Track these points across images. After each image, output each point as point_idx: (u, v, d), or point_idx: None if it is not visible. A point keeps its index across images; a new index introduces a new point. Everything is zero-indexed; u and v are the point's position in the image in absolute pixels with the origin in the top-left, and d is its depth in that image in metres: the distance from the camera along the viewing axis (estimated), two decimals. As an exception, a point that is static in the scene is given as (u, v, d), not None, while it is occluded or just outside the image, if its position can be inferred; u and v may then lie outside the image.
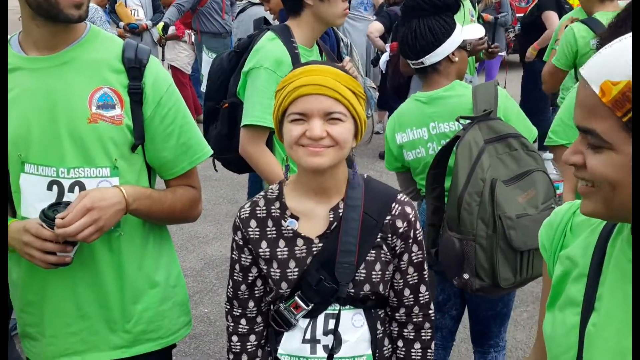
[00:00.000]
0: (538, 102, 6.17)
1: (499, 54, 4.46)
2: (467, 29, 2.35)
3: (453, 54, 2.25)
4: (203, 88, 2.90)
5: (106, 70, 1.60)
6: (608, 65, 0.87)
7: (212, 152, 1.80)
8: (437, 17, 2.21)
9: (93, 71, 1.59)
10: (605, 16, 3.40)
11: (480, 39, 2.67)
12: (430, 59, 2.24)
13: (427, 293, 1.59)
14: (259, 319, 1.63)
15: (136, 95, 1.61)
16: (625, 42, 0.88)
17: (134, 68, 1.61)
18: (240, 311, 1.63)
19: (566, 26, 3.69)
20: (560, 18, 5.81)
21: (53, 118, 1.56)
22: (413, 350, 1.58)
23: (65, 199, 1.57)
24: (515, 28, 5.75)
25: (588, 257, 1.03)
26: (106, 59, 1.61)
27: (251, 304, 1.62)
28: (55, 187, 1.57)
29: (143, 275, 1.71)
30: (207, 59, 2.85)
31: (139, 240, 1.70)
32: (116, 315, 1.68)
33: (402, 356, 1.59)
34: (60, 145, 1.56)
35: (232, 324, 1.65)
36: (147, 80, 1.62)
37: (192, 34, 7.41)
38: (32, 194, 1.58)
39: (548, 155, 2.22)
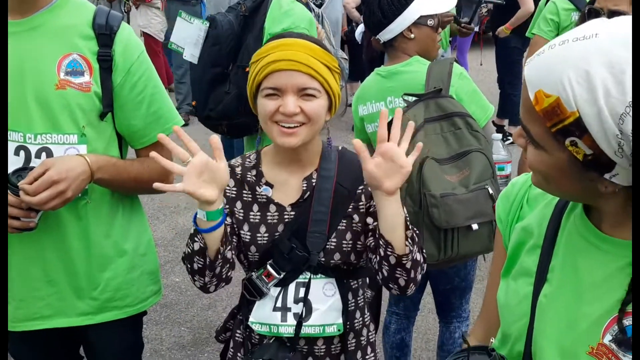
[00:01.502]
0: (513, 79, 6.23)
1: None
2: (433, 2, 2.28)
3: (410, 30, 2.22)
4: (189, 57, 2.74)
5: (76, 37, 1.58)
6: (545, 75, 0.86)
7: (183, 122, 1.79)
8: None
9: (62, 37, 1.56)
10: None
11: (449, 12, 2.65)
12: (384, 35, 2.24)
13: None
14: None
15: (105, 63, 1.59)
16: (565, 48, 0.85)
17: (104, 35, 1.58)
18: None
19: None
20: (534, -2, 5.83)
21: (21, 83, 1.54)
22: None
23: (32, 164, 1.55)
24: (486, 1, 5.75)
25: (543, 228, 1.05)
26: (76, 24, 1.59)
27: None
28: (22, 153, 1.56)
29: (111, 243, 1.71)
30: (186, 24, 2.66)
31: (107, 208, 1.69)
32: (83, 282, 1.68)
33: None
34: (27, 110, 1.54)
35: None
36: (117, 47, 1.60)
37: (163, 0, 7.25)
38: None
39: (497, 135, 2.24)
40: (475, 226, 1.99)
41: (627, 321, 0.90)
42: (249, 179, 1.58)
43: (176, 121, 1.74)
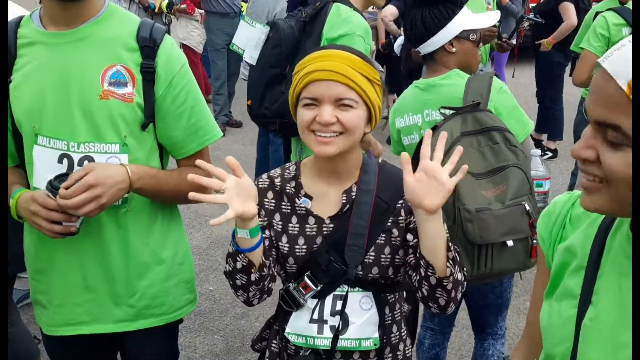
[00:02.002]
0: (554, 93, 6.12)
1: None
2: (476, 17, 2.27)
3: (451, 44, 2.21)
4: (248, 59, 2.89)
5: (120, 48, 1.61)
6: (631, 65, 0.83)
7: (221, 134, 1.82)
8: (434, 7, 2.18)
9: (107, 48, 1.60)
10: None
11: (492, 28, 2.64)
12: (425, 48, 2.24)
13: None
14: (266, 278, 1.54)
15: (148, 74, 1.62)
16: None
17: (148, 47, 1.62)
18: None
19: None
20: (577, 10, 5.74)
21: (66, 92, 1.58)
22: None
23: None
24: (527, 17, 5.67)
25: (587, 249, 1.02)
26: (121, 36, 1.62)
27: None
28: (65, 161, 1.60)
29: (149, 251, 1.73)
30: (248, 28, 2.83)
31: (147, 217, 1.72)
32: (120, 289, 1.71)
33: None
34: (71, 119, 1.58)
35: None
36: (159, 59, 1.63)
37: (204, 13, 7.38)
38: (43, 166, 1.61)
39: (536, 151, 2.21)
40: (510, 242, 1.96)
41: None
42: (288, 190, 1.58)
43: (215, 133, 1.77)
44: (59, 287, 1.70)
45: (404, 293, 1.66)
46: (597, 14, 3.70)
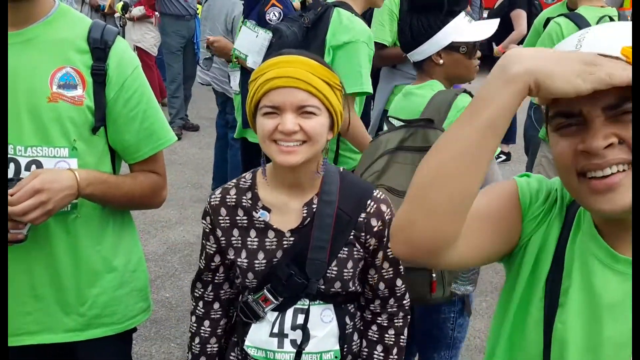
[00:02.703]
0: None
1: None
2: (468, 29, 2.14)
3: (439, 55, 2.13)
4: (251, 64, 2.92)
5: (70, 50, 1.57)
6: (615, 35, 0.84)
7: (176, 138, 1.78)
8: (422, 15, 2.11)
9: (57, 50, 1.56)
10: (589, 11, 3.46)
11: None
12: (413, 56, 2.19)
13: (402, 286, 1.58)
14: (215, 305, 1.63)
15: (99, 77, 1.58)
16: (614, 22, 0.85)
17: (99, 49, 1.58)
18: (200, 293, 1.65)
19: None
20: (529, 16, 5.88)
21: (13, 95, 1.52)
22: (386, 336, 1.58)
23: (21, 176, 1.53)
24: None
25: (550, 248, 1.01)
26: (71, 38, 1.58)
27: (209, 288, 1.63)
28: (12, 165, 1.54)
29: (100, 258, 1.69)
30: (250, 34, 2.87)
31: (97, 223, 1.67)
32: (71, 298, 1.66)
33: (375, 339, 1.59)
34: (19, 122, 1.53)
35: (193, 304, 1.68)
36: (111, 61, 1.59)
37: (158, 15, 7.28)
38: None
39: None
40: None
41: None
42: (244, 203, 1.54)
43: (169, 137, 1.74)
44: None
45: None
46: (547, 20, 3.79)
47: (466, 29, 2.12)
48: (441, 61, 2.14)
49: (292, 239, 1.50)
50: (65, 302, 1.65)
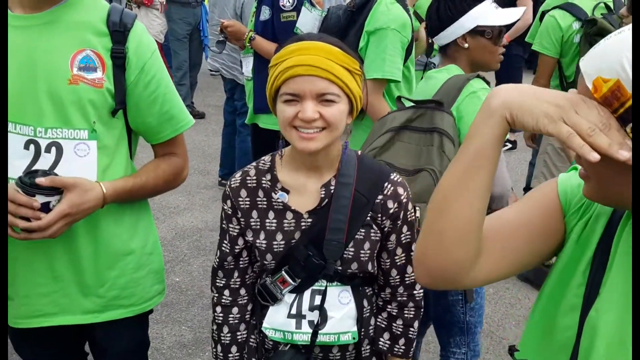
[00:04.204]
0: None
1: None
2: (496, 14, 2.13)
3: (464, 39, 2.13)
4: None
5: (90, 33, 1.58)
6: (602, 61, 0.85)
7: (194, 121, 1.80)
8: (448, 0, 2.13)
9: (76, 33, 1.56)
10: (583, 0, 3.45)
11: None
12: (439, 40, 2.18)
13: (413, 274, 1.58)
14: (242, 291, 1.63)
15: (119, 60, 1.59)
16: (621, 36, 0.85)
17: (118, 32, 1.59)
18: (224, 282, 1.62)
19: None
20: (535, 6, 5.85)
21: (33, 77, 1.53)
22: (394, 325, 1.60)
23: (41, 158, 1.55)
24: None
25: (595, 239, 1.01)
26: (91, 21, 1.59)
27: (235, 274, 1.61)
28: (32, 147, 1.55)
29: (119, 241, 1.71)
30: (308, 13, 3.09)
31: (116, 207, 1.68)
32: (89, 280, 1.68)
33: (383, 326, 1.61)
34: (38, 104, 1.54)
35: (216, 295, 1.64)
36: (130, 45, 1.60)
37: (164, 2, 7.27)
38: (9, 152, 1.56)
39: None
40: None
41: None
42: (264, 184, 1.54)
43: (187, 120, 1.75)
44: (24, 278, 1.65)
45: None
46: (543, 13, 3.75)
47: (492, 13, 2.12)
48: (466, 45, 2.14)
49: (310, 220, 1.51)
50: (84, 284, 1.67)
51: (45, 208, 1.51)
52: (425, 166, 1.95)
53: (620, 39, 0.84)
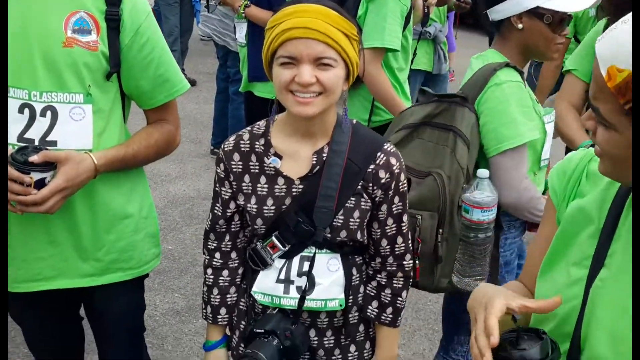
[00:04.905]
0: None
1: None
2: None
3: (520, 18, 1.88)
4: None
5: None
6: (617, 49, 0.85)
7: (189, 86, 1.78)
8: None
9: None
10: None
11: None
12: (492, 14, 1.94)
13: (402, 244, 1.60)
14: (233, 254, 1.64)
15: (113, 22, 1.56)
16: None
17: None
18: (215, 244, 1.63)
19: None
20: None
21: (27, 40, 1.51)
22: (383, 294, 1.61)
23: (36, 122, 1.54)
24: None
25: (604, 212, 1.02)
26: None
27: (227, 237, 1.62)
28: (26, 111, 1.54)
29: (116, 204, 1.71)
30: None
31: (112, 173, 1.67)
32: (87, 243, 1.68)
33: (372, 294, 1.63)
34: (33, 68, 1.52)
35: (207, 257, 1.65)
36: (125, 7, 1.58)
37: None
38: None
39: (483, 172, 1.77)
40: None
41: None
42: (257, 149, 1.54)
43: (183, 85, 1.74)
44: (22, 242, 1.65)
45: None
46: None
47: None
48: (520, 25, 1.88)
49: (301, 186, 1.51)
50: (81, 248, 1.68)
51: (41, 184, 1.51)
52: (433, 169, 1.86)
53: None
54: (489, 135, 1.86)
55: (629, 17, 0.86)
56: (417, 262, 1.87)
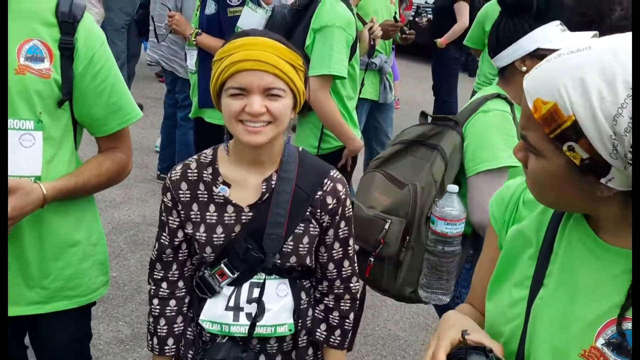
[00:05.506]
0: (449, 87, 6.48)
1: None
2: (560, 37, 1.92)
3: (523, 61, 1.95)
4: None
5: (38, 23, 1.56)
6: (542, 84, 0.93)
7: (141, 114, 1.80)
8: (511, 19, 1.96)
9: (24, 22, 1.54)
10: None
11: (396, 23, 2.54)
12: (496, 62, 2.04)
13: (349, 267, 1.64)
14: (180, 284, 1.63)
15: (67, 51, 1.58)
16: (560, 60, 0.92)
17: (67, 23, 1.57)
18: (162, 274, 1.63)
19: None
20: (471, 9, 6.06)
21: None
22: (331, 316, 1.65)
23: None
24: (427, 12, 5.96)
25: (541, 235, 1.09)
26: (39, 11, 1.57)
27: (174, 267, 1.62)
28: None
29: (64, 232, 1.69)
30: (252, 13, 3.21)
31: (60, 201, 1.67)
32: (34, 271, 1.66)
33: (320, 317, 1.66)
34: None
35: (153, 287, 1.65)
36: (79, 35, 1.59)
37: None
38: None
39: (453, 187, 1.82)
40: (356, 247, 1.92)
41: (626, 325, 0.94)
42: (205, 177, 1.55)
43: (136, 113, 1.76)
44: None
45: None
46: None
47: (557, 37, 1.92)
48: (524, 68, 1.96)
49: (250, 214, 1.53)
50: (28, 276, 1.65)
51: None
52: (410, 183, 1.98)
53: (560, 64, 0.92)
54: (469, 157, 1.97)
55: (550, 57, 0.95)
56: (371, 260, 1.98)
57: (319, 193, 1.55)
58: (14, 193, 1.50)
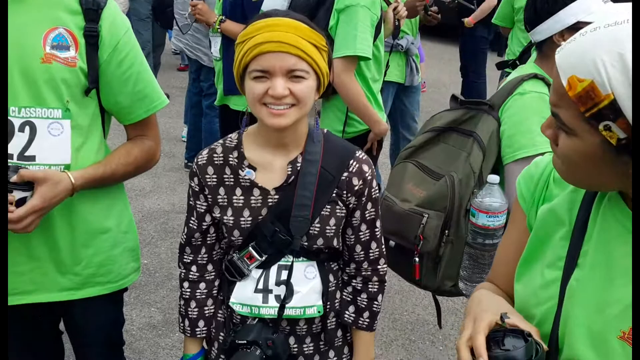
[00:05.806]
0: (477, 67, 6.37)
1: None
2: (608, 10, 1.92)
3: (562, 35, 1.84)
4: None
5: (62, 11, 1.57)
6: (577, 60, 0.88)
7: (167, 101, 1.80)
8: None
9: (49, 11, 1.55)
10: None
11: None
12: (534, 36, 1.93)
13: (377, 249, 1.63)
14: (209, 267, 1.65)
15: (92, 38, 1.58)
16: (596, 34, 0.87)
17: (91, 10, 1.58)
18: (191, 258, 1.64)
19: None
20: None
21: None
22: (359, 299, 1.64)
23: (15, 138, 1.55)
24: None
25: (574, 214, 1.05)
26: None
27: (203, 250, 1.63)
28: None
29: (94, 219, 1.71)
30: None
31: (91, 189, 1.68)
32: (66, 258, 1.68)
33: (348, 299, 1.66)
34: (11, 83, 1.53)
35: (183, 271, 1.66)
36: (104, 23, 1.60)
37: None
38: None
39: (493, 177, 1.77)
40: (392, 243, 1.94)
41: None
42: (231, 161, 1.55)
43: (162, 100, 1.76)
44: None
45: None
46: None
47: (598, 9, 1.81)
48: (562, 42, 1.86)
49: (276, 196, 1.53)
50: (60, 262, 1.68)
51: (22, 203, 1.52)
52: (447, 174, 1.91)
53: (596, 38, 0.87)
54: (506, 143, 1.88)
55: (585, 30, 0.90)
56: (415, 259, 1.92)
57: (345, 174, 1.54)
58: (43, 184, 1.52)
